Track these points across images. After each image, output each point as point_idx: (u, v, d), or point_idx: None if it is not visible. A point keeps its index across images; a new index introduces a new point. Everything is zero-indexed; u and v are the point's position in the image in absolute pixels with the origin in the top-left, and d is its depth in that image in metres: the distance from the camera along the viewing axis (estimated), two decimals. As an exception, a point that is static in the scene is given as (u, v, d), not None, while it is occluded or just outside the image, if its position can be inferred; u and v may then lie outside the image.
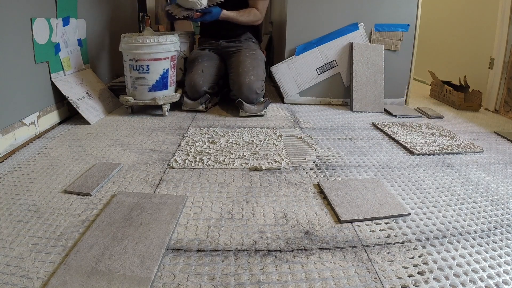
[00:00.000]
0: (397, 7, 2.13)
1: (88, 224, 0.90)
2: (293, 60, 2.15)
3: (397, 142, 1.57)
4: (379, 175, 1.24)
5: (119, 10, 2.51)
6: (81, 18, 1.87)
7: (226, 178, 1.18)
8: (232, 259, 0.79)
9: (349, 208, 1.00)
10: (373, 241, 0.87)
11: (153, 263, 0.75)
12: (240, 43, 2.11)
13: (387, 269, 0.77)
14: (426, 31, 3.04)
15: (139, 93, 1.83)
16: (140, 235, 0.84)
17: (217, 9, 1.92)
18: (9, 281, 0.70)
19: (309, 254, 0.82)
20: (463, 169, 1.32)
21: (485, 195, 1.13)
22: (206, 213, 0.97)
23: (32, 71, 1.49)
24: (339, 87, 2.22)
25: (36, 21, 1.48)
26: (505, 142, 1.67)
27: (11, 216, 0.92)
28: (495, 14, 2.27)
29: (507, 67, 2.18)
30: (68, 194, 1.05)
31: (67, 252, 0.79)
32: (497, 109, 2.26)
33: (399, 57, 2.20)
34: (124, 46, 1.78)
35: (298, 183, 1.16)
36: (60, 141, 1.48)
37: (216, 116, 1.90)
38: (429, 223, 0.96)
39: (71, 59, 1.78)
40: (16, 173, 1.18)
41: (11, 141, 1.33)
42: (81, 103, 1.71)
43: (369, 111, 2.09)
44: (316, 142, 1.54)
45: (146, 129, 1.66)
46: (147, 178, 1.16)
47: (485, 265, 0.79)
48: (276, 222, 0.94)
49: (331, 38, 2.16)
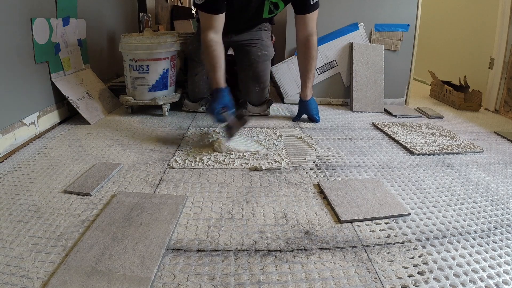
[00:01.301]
0: (397, 7, 2.13)
1: (88, 224, 0.90)
2: (293, 60, 2.15)
3: (397, 142, 1.57)
4: (379, 175, 1.24)
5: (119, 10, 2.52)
6: (81, 18, 1.87)
7: (226, 178, 1.18)
8: (232, 259, 0.79)
9: (349, 208, 1.00)
10: (373, 241, 0.87)
11: (153, 263, 0.75)
12: (251, 34, 1.91)
13: (387, 269, 0.77)
14: (426, 31, 3.04)
15: (139, 93, 1.83)
16: (140, 235, 0.84)
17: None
18: (9, 281, 0.70)
19: (309, 254, 0.82)
20: (463, 169, 1.32)
21: (485, 195, 1.13)
22: (206, 213, 0.97)
23: (32, 71, 1.49)
24: (339, 87, 2.22)
25: (36, 21, 1.48)
26: (505, 142, 1.67)
27: (11, 216, 0.92)
28: (495, 14, 2.27)
29: (507, 67, 2.18)
30: (68, 194, 1.05)
31: (67, 252, 0.79)
32: (497, 109, 2.26)
33: (399, 57, 2.20)
34: (124, 46, 1.78)
35: (298, 183, 1.16)
36: (60, 141, 1.48)
37: (216, 116, 1.89)
38: (429, 223, 0.96)
39: (71, 59, 1.78)
40: (16, 173, 1.18)
41: (11, 141, 1.33)
42: (81, 103, 1.71)
43: (369, 111, 2.09)
44: (316, 142, 1.54)
45: (146, 129, 1.66)
46: (147, 178, 1.16)
47: (485, 265, 0.79)
48: (276, 222, 0.94)
49: (331, 38, 2.16)
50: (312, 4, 1.64)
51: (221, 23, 1.57)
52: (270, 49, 1.93)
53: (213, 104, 1.44)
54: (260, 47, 1.89)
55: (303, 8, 1.66)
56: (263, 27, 1.95)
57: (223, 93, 1.46)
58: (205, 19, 1.56)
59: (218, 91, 1.47)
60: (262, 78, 1.87)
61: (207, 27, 1.55)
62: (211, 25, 1.55)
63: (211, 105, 1.45)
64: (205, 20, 1.56)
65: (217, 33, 1.56)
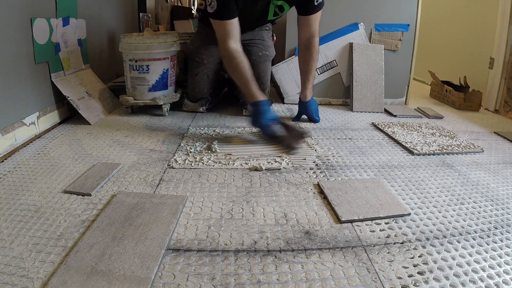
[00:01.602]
0: (397, 7, 2.13)
1: (88, 224, 0.90)
2: (293, 60, 2.15)
3: (397, 142, 1.57)
4: (379, 175, 1.24)
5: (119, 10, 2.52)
6: (81, 18, 1.86)
7: (226, 178, 1.18)
8: (232, 259, 0.79)
9: (349, 208, 1.00)
10: (373, 241, 0.87)
11: (153, 263, 0.75)
12: (253, 34, 1.89)
13: (387, 269, 0.77)
14: (426, 31, 3.04)
15: (139, 93, 1.83)
16: (140, 235, 0.84)
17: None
18: (9, 281, 0.70)
19: (309, 254, 0.82)
20: (463, 169, 1.32)
21: (485, 195, 1.13)
22: (206, 213, 0.97)
23: (32, 71, 1.49)
24: (339, 87, 2.22)
25: (36, 21, 1.48)
26: (505, 142, 1.67)
27: (11, 216, 0.92)
28: (495, 14, 2.27)
29: (507, 67, 2.18)
30: (68, 194, 1.05)
31: (67, 252, 0.79)
32: (497, 109, 2.26)
33: (399, 57, 2.20)
34: (124, 46, 1.78)
35: (298, 183, 1.16)
36: (60, 141, 1.48)
37: (216, 116, 1.89)
38: (429, 223, 0.96)
39: (71, 59, 1.78)
40: (16, 173, 1.18)
41: (11, 141, 1.33)
42: (81, 103, 1.71)
43: (369, 111, 2.09)
44: (316, 142, 1.54)
45: (146, 129, 1.66)
46: (147, 178, 1.16)
47: (485, 265, 0.79)
48: (276, 222, 0.94)
49: (331, 38, 2.16)
50: (316, 5, 1.60)
51: (238, 29, 1.51)
52: (271, 50, 1.92)
53: (260, 120, 1.42)
54: (261, 47, 1.88)
55: (307, 9, 1.63)
56: (264, 26, 1.94)
57: (266, 106, 1.45)
58: (221, 28, 1.49)
59: (260, 104, 1.44)
60: (263, 79, 1.86)
61: (225, 36, 1.48)
62: (228, 33, 1.48)
63: (258, 120, 1.43)
64: (221, 29, 1.49)
65: (237, 42, 1.50)
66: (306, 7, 1.63)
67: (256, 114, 1.45)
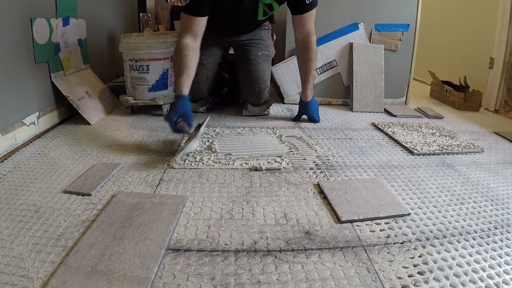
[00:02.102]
0: (397, 7, 2.13)
1: (88, 224, 0.90)
2: (293, 60, 2.15)
3: (397, 142, 1.57)
4: (379, 175, 1.24)
5: (119, 10, 2.52)
6: (81, 18, 1.86)
7: (226, 178, 1.18)
8: (232, 259, 0.79)
9: (349, 208, 1.00)
10: (373, 241, 0.87)
11: (153, 263, 0.75)
12: (252, 34, 1.87)
13: (387, 269, 0.77)
14: (426, 31, 3.04)
15: (139, 93, 1.83)
16: (140, 235, 0.84)
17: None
18: (9, 281, 0.70)
19: (309, 254, 0.82)
20: (463, 169, 1.32)
21: (485, 195, 1.13)
22: (206, 213, 0.97)
23: (32, 71, 1.49)
24: (339, 87, 2.22)
25: (36, 21, 1.48)
26: (505, 142, 1.67)
27: (11, 216, 0.92)
28: (495, 14, 2.27)
29: (507, 67, 2.18)
30: (68, 194, 1.05)
31: (67, 252, 0.79)
32: (497, 109, 2.26)
33: (399, 57, 2.20)
34: (124, 46, 1.78)
35: (298, 183, 1.16)
36: (60, 141, 1.48)
37: (216, 116, 1.89)
38: (429, 223, 0.96)
39: (71, 59, 1.78)
40: (16, 173, 1.18)
41: (11, 141, 1.34)
42: (81, 103, 1.71)
43: (369, 111, 2.09)
44: (316, 142, 1.54)
45: (146, 129, 1.66)
46: (147, 178, 1.16)
47: (485, 265, 0.79)
48: (276, 222, 0.94)
49: (331, 38, 2.16)
50: (308, 3, 1.60)
51: (201, 29, 1.51)
52: (271, 49, 1.92)
53: (170, 113, 1.38)
54: (260, 47, 1.87)
55: (299, 8, 1.64)
56: (263, 26, 1.93)
57: (183, 101, 1.41)
58: (185, 21, 1.51)
59: (178, 98, 1.42)
60: (262, 79, 1.86)
61: (185, 30, 1.49)
62: (190, 29, 1.49)
63: (168, 114, 1.39)
64: (185, 22, 1.50)
65: (195, 39, 1.50)
66: (297, 6, 1.64)
67: (171, 108, 1.42)
